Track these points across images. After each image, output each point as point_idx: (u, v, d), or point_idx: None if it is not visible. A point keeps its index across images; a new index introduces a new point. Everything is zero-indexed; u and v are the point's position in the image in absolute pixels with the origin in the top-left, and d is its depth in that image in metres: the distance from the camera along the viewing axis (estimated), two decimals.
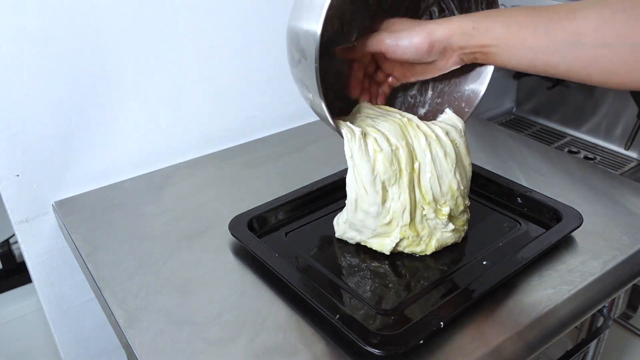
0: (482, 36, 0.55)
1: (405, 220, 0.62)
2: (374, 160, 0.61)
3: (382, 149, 0.60)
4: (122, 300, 0.60)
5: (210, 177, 0.85)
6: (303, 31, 0.55)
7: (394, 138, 0.60)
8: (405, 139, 0.61)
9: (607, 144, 1.16)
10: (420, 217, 0.63)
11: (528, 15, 0.53)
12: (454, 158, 0.63)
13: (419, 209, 0.63)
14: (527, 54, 0.53)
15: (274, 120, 0.98)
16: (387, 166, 0.60)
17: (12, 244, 1.26)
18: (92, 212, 0.77)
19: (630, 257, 0.63)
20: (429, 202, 0.62)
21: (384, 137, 0.60)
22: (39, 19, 0.70)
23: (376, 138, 0.60)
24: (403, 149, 0.61)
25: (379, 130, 0.61)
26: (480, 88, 0.66)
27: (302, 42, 0.55)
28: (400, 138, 0.61)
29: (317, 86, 0.55)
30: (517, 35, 0.53)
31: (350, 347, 0.52)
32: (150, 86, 0.82)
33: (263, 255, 0.62)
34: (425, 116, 0.71)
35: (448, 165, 0.62)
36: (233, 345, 0.53)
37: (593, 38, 0.48)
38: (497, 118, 1.33)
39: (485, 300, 0.56)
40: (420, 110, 0.71)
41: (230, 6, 0.85)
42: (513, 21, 0.53)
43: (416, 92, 0.71)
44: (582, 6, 0.50)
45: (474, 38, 0.55)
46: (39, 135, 0.75)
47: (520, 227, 0.68)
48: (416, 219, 0.63)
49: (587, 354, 0.80)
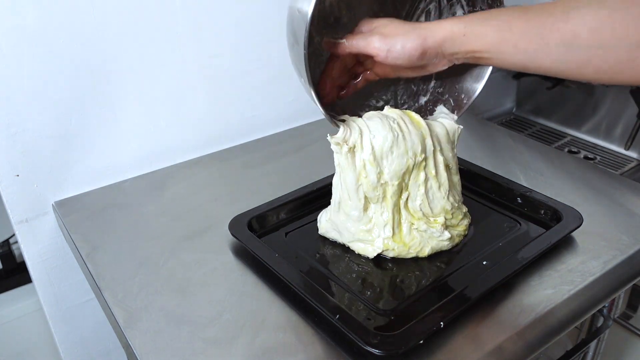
0: (473, 42, 0.54)
1: (387, 233, 0.62)
2: (359, 174, 0.60)
3: (368, 174, 0.60)
4: (122, 300, 0.60)
5: (210, 177, 0.85)
6: (297, 13, 0.54)
7: (392, 176, 0.60)
8: (402, 178, 0.61)
9: (607, 144, 1.16)
10: (409, 229, 0.63)
11: (521, 19, 0.52)
12: (447, 187, 0.63)
13: (406, 223, 0.62)
14: (521, 58, 0.53)
15: (274, 120, 0.98)
16: (370, 190, 0.61)
17: (12, 244, 1.26)
18: (92, 212, 0.77)
19: (630, 257, 0.63)
20: (419, 218, 0.62)
21: (375, 166, 0.60)
22: (39, 19, 0.70)
23: (365, 162, 0.60)
24: (393, 186, 0.60)
25: (381, 168, 0.60)
26: (478, 84, 0.66)
27: (295, 25, 0.55)
28: (398, 177, 0.60)
29: (306, 72, 0.54)
30: (509, 40, 0.52)
31: (350, 347, 0.52)
32: (150, 86, 0.82)
33: (263, 255, 0.62)
34: (426, 105, 0.71)
35: (440, 194, 0.63)
36: (233, 345, 0.53)
37: (589, 39, 0.48)
38: (497, 118, 1.33)
39: (485, 300, 0.56)
40: (421, 99, 0.71)
41: (230, 6, 0.85)
42: (505, 26, 0.52)
43: (420, 80, 0.71)
44: (577, 5, 0.49)
45: (464, 45, 0.55)
46: (39, 135, 0.75)
47: (520, 227, 0.68)
48: (402, 232, 0.62)
49: (587, 354, 0.80)
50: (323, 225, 0.67)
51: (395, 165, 0.60)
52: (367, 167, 0.60)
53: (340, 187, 0.63)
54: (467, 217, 0.67)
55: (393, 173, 0.60)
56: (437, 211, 0.63)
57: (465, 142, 0.93)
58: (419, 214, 0.62)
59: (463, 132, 0.65)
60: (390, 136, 0.59)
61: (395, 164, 0.60)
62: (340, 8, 0.64)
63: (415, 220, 0.62)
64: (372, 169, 0.60)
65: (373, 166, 0.60)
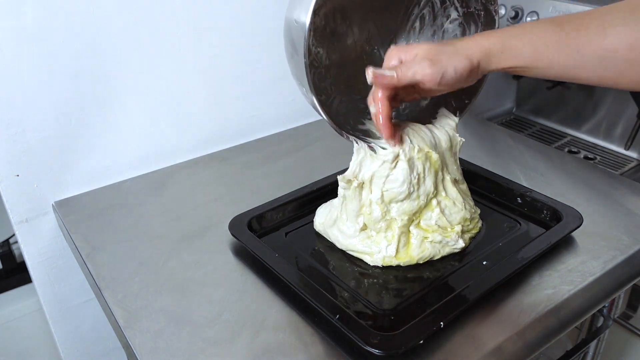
0: (511, 59, 0.54)
1: (390, 252, 0.61)
2: (361, 206, 0.60)
3: (372, 212, 0.59)
4: (122, 300, 0.60)
5: (210, 177, 0.85)
6: (294, 22, 0.54)
7: (401, 214, 0.59)
8: (412, 214, 0.60)
9: (607, 144, 1.16)
10: (420, 242, 0.61)
11: (556, 33, 0.52)
12: (461, 200, 0.62)
13: (418, 238, 0.61)
14: (557, 71, 0.53)
15: (274, 120, 0.98)
16: (372, 223, 0.60)
17: (12, 244, 1.26)
18: (92, 212, 0.77)
19: (630, 257, 0.63)
20: (434, 231, 0.62)
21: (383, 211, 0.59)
22: (39, 19, 0.70)
23: (372, 202, 0.58)
24: (402, 220, 0.60)
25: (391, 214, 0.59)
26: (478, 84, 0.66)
27: (294, 34, 0.54)
28: (408, 214, 0.60)
29: (307, 81, 0.54)
30: (545, 55, 0.53)
31: (350, 347, 0.52)
32: (150, 86, 0.82)
33: (263, 255, 0.62)
34: (427, 107, 0.70)
35: (457, 207, 0.62)
36: (233, 345, 0.53)
37: (626, 54, 0.49)
38: (497, 118, 1.33)
39: (485, 300, 0.56)
40: (422, 102, 0.71)
41: (230, 6, 0.85)
42: (541, 41, 0.53)
43: None
44: (613, 23, 0.50)
45: (502, 62, 0.55)
46: (39, 135, 0.75)
47: (520, 227, 0.68)
48: (410, 248, 0.61)
49: (587, 354, 0.80)
50: (317, 225, 0.67)
51: (406, 206, 0.59)
52: (373, 206, 0.59)
53: (339, 209, 0.63)
54: (477, 218, 0.67)
55: (402, 212, 0.60)
56: (457, 222, 0.63)
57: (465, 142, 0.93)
58: (434, 227, 0.62)
59: (463, 132, 0.65)
60: (405, 191, 0.58)
61: (406, 206, 0.59)
62: (335, 18, 0.64)
63: (429, 234, 0.62)
64: (378, 208, 0.59)
65: (379, 206, 0.59)
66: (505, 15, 1.08)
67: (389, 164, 0.58)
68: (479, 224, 0.66)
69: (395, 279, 0.61)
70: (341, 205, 0.62)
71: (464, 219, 0.62)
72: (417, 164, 0.59)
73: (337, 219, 0.63)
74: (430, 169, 0.60)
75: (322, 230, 0.66)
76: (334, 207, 0.64)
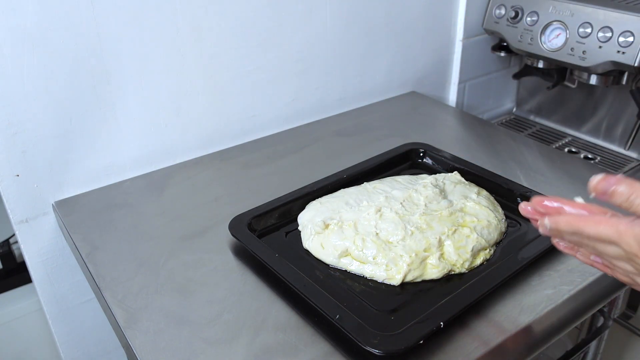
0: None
1: (403, 270, 0.60)
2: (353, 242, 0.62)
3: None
4: (122, 300, 0.60)
5: (210, 177, 0.85)
6: None
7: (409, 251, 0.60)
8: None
9: (607, 144, 1.16)
10: (419, 264, 0.60)
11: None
12: (492, 216, 0.64)
13: (418, 264, 0.60)
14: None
15: (274, 120, 0.98)
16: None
17: (12, 244, 1.26)
18: (92, 212, 0.77)
19: None
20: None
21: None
22: (39, 19, 0.70)
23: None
24: (411, 257, 0.60)
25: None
26: None
27: None
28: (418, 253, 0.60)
29: None
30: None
31: (350, 347, 0.52)
32: (150, 86, 0.82)
33: (263, 255, 0.62)
34: None
35: (492, 223, 0.64)
36: (233, 345, 0.53)
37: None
38: (497, 118, 1.33)
39: (485, 300, 0.56)
40: None
41: (230, 6, 0.85)
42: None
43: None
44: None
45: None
46: (39, 135, 0.75)
47: (520, 227, 0.68)
48: (426, 267, 0.60)
49: (587, 354, 0.80)
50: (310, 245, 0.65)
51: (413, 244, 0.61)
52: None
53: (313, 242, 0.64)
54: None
55: (408, 248, 0.60)
56: (496, 236, 0.64)
57: (465, 142, 0.93)
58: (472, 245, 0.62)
59: (463, 132, 0.65)
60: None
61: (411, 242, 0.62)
62: None
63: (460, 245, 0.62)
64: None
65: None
66: (505, 15, 1.08)
67: None
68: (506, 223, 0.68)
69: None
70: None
71: (501, 232, 0.65)
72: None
73: (312, 249, 0.64)
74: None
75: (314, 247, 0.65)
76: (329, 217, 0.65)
